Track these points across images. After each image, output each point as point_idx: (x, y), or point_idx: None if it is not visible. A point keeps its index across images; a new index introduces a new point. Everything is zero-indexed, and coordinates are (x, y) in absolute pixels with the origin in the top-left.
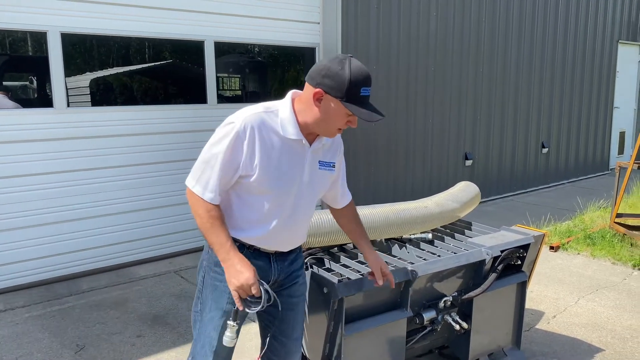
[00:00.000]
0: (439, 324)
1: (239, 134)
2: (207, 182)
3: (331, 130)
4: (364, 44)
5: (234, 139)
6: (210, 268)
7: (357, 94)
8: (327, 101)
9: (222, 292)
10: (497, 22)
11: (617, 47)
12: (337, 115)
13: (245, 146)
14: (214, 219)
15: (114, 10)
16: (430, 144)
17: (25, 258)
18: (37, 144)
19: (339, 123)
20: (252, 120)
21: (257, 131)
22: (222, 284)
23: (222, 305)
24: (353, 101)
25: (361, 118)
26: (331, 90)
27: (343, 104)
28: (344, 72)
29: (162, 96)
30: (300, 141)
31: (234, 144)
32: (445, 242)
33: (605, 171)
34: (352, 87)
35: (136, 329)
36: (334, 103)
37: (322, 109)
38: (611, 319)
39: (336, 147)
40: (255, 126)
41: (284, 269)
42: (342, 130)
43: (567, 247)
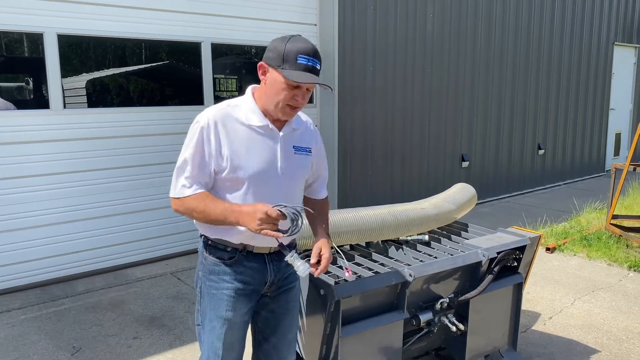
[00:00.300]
0: (436, 325)
1: (204, 129)
2: (183, 183)
3: (282, 106)
4: (361, 46)
5: (200, 135)
6: (206, 277)
7: (294, 61)
8: (270, 74)
9: (219, 300)
10: (493, 23)
11: (613, 49)
12: (279, 87)
13: (212, 140)
14: (205, 203)
15: (111, 12)
16: (427, 146)
17: (21, 260)
18: (33, 145)
19: (283, 95)
20: (216, 115)
21: (221, 124)
22: (218, 291)
23: (222, 313)
24: (289, 68)
25: (289, 78)
26: (271, 61)
27: (279, 71)
28: (283, 44)
29: (159, 97)
30: (266, 127)
31: (202, 140)
32: (442, 243)
33: (601, 172)
34: (288, 53)
35: (133, 331)
36: (274, 73)
37: (267, 83)
38: (607, 320)
39: (312, 135)
40: (219, 120)
41: (281, 269)
42: (295, 109)
43: (563, 248)
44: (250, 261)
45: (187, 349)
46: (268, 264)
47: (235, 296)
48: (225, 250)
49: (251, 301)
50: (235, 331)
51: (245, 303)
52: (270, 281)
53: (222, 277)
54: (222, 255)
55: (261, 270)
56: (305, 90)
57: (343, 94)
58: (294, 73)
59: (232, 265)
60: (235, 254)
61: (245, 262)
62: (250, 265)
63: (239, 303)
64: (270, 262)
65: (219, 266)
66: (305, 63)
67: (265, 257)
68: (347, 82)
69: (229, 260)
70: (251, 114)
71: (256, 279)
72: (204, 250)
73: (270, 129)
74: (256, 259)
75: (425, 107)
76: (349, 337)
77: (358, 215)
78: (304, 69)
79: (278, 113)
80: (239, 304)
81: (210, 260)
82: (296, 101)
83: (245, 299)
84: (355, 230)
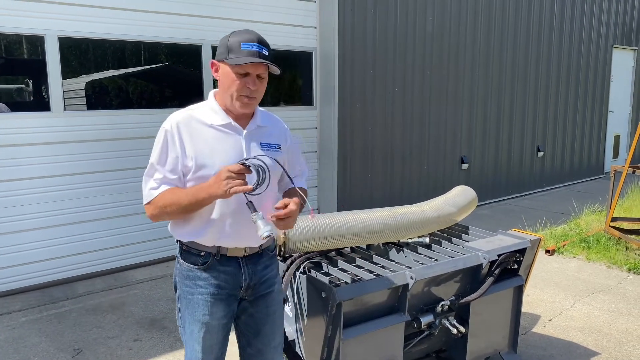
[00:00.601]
0: (437, 328)
1: (168, 133)
2: (151, 186)
3: (236, 97)
4: (361, 48)
5: (165, 139)
6: (182, 282)
7: (238, 50)
8: (220, 69)
9: (195, 305)
10: (493, 26)
11: (612, 52)
12: (230, 78)
13: (177, 142)
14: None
15: (111, 14)
16: (427, 148)
17: (22, 262)
18: (34, 147)
19: (235, 86)
20: (179, 118)
21: (184, 127)
22: (194, 297)
23: (199, 317)
24: (234, 56)
25: (233, 63)
26: (220, 56)
27: (225, 62)
28: (227, 38)
29: (159, 100)
30: (229, 124)
31: (167, 143)
32: (443, 246)
33: (600, 175)
34: (232, 44)
35: (133, 333)
36: (223, 67)
37: (220, 79)
38: (607, 322)
39: (281, 132)
40: (182, 123)
41: (257, 273)
42: (252, 99)
43: (563, 250)
44: (224, 265)
45: None
46: (242, 268)
47: (211, 300)
48: (198, 255)
49: (229, 305)
50: (214, 334)
51: (222, 307)
52: (246, 285)
53: (197, 283)
54: (196, 260)
55: (235, 274)
56: (256, 77)
57: (343, 96)
58: (238, 59)
59: (206, 271)
60: (209, 259)
61: (219, 266)
62: (224, 270)
63: (215, 307)
64: (245, 265)
65: (192, 272)
66: (249, 49)
67: (239, 260)
68: (347, 84)
69: (203, 266)
70: (213, 114)
71: (231, 283)
72: (179, 256)
73: (233, 127)
74: (230, 263)
75: (425, 109)
76: (350, 340)
77: (359, 217)
78: (247, 54)
79: (236, 106)
80: (215, 308)
81: (185, 265)
82: (248, 89)
83: (222, 303)
84: (356, 233)
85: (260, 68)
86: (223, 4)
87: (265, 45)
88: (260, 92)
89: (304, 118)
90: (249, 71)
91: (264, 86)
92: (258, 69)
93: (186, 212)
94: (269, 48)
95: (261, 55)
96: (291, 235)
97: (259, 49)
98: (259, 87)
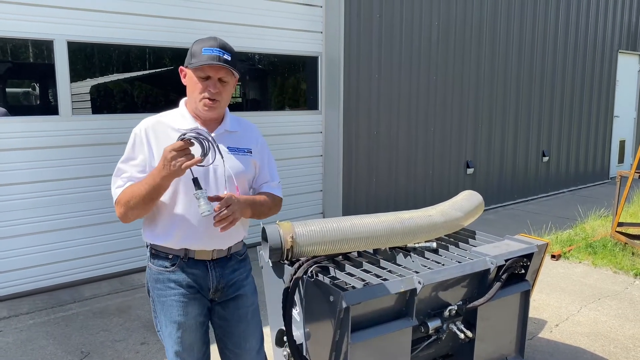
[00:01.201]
0: (444, 332)
1: (136, 136)
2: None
3: (200, 100)
4: (367, 53)
5: (133, 141)
6: (153, 285)
7: (199, 54)
8: (187, 75)
9: (169, 307)
10: (498, 30)
11: (617, 57)
12: (193, 82)
13: (145, 145)
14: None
15: (119, 19)
16: (432, 153)
17: (29, 265)
18: (43, 151)
19: (198, 89)
20: (148, 123)
21: (152, 130)
22: (167, 298)
23: (174, 318)
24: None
25: (192, 66)
26: (185, 62)
27: (189, 67)
28: (192, 46)
29: (164, 103)
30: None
31: (135, 144)
32: (450, 251)
33: (606, 180)
34: (194, 50)
35: (140, 336)
36: (188, 72)
37: (187, 84)
38: (614, 328)
39: (252, 137)
40: (150, 126)
41: (225, 276)
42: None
43: (569, 255)
44: (192, 268)
45: None
46: (210, 271)
47: (185, 300)
48: (167, 258)
49: (202, 303)
50: (192, 333)
51: (196, 305)
52: (214, 287)
53: (167, 285)
54: (164, 263)
55: (203, 276)
56: (217, 80)
57: (348, 100)
58: (198, 62)
59: (175, 272)
60: (177, 261)
61: (187, 268)
62: (192, 272)
63: (190, 307)
64: (213, 269)
65: (162, 274)
66: (209, 53)
67: (207, 263)
68: (353, 89)
69: (171, 268)
70: (181, 119)
71: (199, 283)
72: (149, 260)
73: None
74: (197, 266)
75: (430, 114)
76: (358, 344)
77: (366, 222)
78: (207, 58)
79: (200, 109)
80: (189, 307)
81: (155, 269)
82: (210, 92)
83: (195, 301)
84: (363, 237)
85: (221, 71)
86: (229, 8)
87: (228, 50)
88: (224, 96)
89: (309, 122)
90: (210, 74)
91: (227, 90)
92: (218, 72)
93: (147, 202)
94: (232, 53)
95: (221, 59)
96: (299, 239)
97: (220, 53)
98: (221, 90)
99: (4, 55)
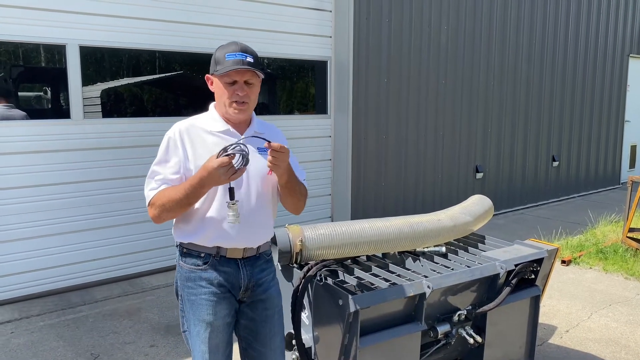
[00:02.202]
0: (453, 337)
1: (170, 139)
2: (151, 187)
3: (229, 105)
4: (376, 57)
5: (167, 144)
6: (183, 284)
7: (223, 60)
8: (214, 82)
9: (199, 305)
10: (507, 35)
11: (628, 61)
12: (220, 88)
13: (179, 147)
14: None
15: (130, 24)
16: (441, 157)
17: (40, 267)
18: (55, 154)
19: (226, 94)
20: (181, 126)
21: (186, 133)
22: (197, 297)
23: (204, 317)
24: (222, 67)
25: (218, 73)
26: (211, 70)
27: (215, 74)
28: (215, 53)
29: (174, 107)
30: (227, 131)
31: (169, 148)
32: (459, 255)
33: (616, 185)
34: (218, 57)
35: (149, 339)
36: (214, 79)
37: (215, 91)
38: (625, 334)
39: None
40: (184, 129)
41: (254, 275)
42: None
43: (579, 261)
44: (224, 266)
45: None
46: (241, 269)
47: (215, 300)
48: (199, 256)
49: (231, 304)
50: (219, 334)
51: (225, 306)
52: (245, 286)
53: (199, 283)
54: (197, 261)
55: (235, 274)
56: (243, 83)
57: (357, 105)
58: (223, 68)
59: (207, 271)
60: (209, 259)
61: (219, 266)
62: (224, 270)
63: (219, 306)
64: (244, 266)
65: (194, 272)
66: (232, 59)
67: (238, 262)
68: (362, 93)
69: (203, 266)
70: (213, 121)
71: (230, 282)
72: (180, 259)
73: (231, 132)
74: (229, 264)
75: (440, 118)
76: (366, 348)
77: (375, 226)
78: (231, 63)
79: (231, 113)
80: (218, 307)
81: (186, 267)
82: (237, 95)
83: (224, 302)
84: (372, 241)
85: (246, 74)
86: (239, 13)
87: (250, 53)
88: (252, 97)
89: (318, 126)
90: (236, 79)
91: (254, 92)
92: (244, 75)
93: (184, 207)
94: (254, 55)
95: (245, 62)
96: (308, 243)
97: (243, 57)
98: (249, 92)
99: (16, 59)
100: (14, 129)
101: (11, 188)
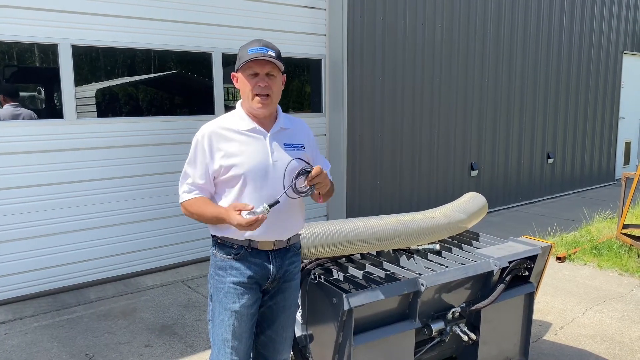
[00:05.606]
0: (447, 335)
1: (198, 142)
2: (184, 189)
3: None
4: (370, 55)
5: (196, 147)
6: (215, 272)
7: (246, 56)
8: (238, 78)
9: (226, 293)
10: (501, 33)
11: (622, 58)
12: (244, 82)
13: (206, 151)
14: (199, 206)
15: (123, 23)
16: (436, 155)
17: (34, 268)
18: (47, 154)
19: (249, 88)
20: (209, 127)
21: (214, 134)
22: (225, 285)
23: (229, 306)
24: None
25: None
26: (236, 68)
27: (239, 69)
28: (239, 51)
29: (169, 107)
30: (254, 129)
31: (197, 150)
32: (453, 253)
33: (611, 182)
34: (241, 54)
35: (144, 339)
36: (239, 75)
37: (240, 88)
38: (619, 330)
39: (304, 133)
40: (213, 131)
41: (283, 266)
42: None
43: (574, 257)
44: (255, 257)
45: (199, 357)
46: (271, 260)
47: (242, 289)
48: (232, 247)
49: (256, 294)
50: (243, 323)
51: (251, 296)
52: (273, 277)
53: (229, 272)
54: (229, 251)
55: (264, 266)
56: (265, 75)
57: (352, 102)
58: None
59: (238, 261)
60: (241, 250)
61: (250, 257)
62: (254, 261)
63: (245, 296)
64: (274, 258)
65: (226, 262)
66: (254, 52)
67: (268, 253)
68: (356, 91)
69: (236, 256)
70: (240, 120)
71: (259, 273)
72: (214, 248)
73: (258, 130)
74: (260, 256)
75: (434, 116)
76: (361, 346)
77: (369, 224)
78: (252, 56)
79: (255, 108)
80: (245, 296)
81: (219, 257)
82: (260, 87)
83: (251, 292)
84: (366, 239)
85: (267, 66)
86: (233, 12)
87: (271, 47)
88: (274, 89)
89: (313, 125)
90: (257, 71)
91: (276, 84)
92: (264, 67)
93: (210, 223)
94: (276, 50)
95: (266, 55)
96: (302, 241)
97: (264, 50)
98: (270, 84)
99: (9, 59)
100: (5, 129)
101: (3, 189)
